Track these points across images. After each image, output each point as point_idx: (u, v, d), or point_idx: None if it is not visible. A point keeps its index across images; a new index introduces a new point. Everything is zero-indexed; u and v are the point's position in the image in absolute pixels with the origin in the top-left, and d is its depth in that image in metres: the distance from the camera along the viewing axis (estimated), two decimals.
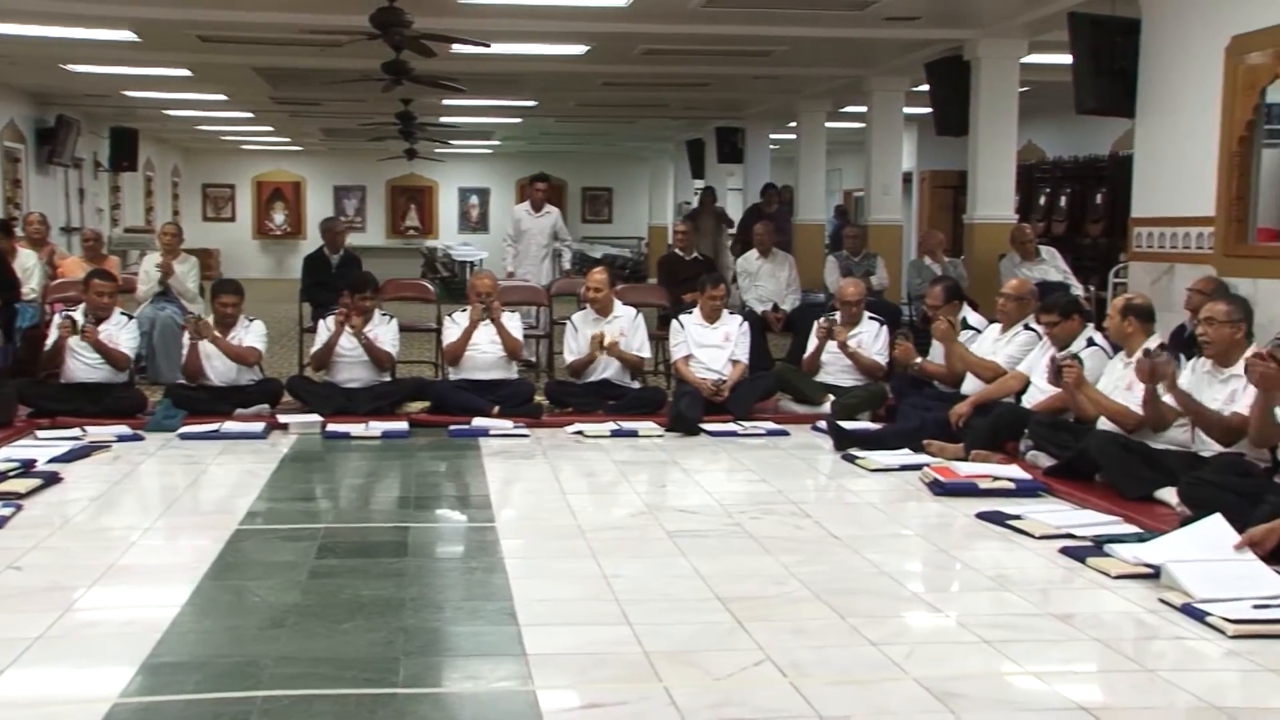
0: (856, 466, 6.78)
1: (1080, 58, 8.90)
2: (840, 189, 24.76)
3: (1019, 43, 11.02)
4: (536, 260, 11.39)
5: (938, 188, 19.60)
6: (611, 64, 13.50)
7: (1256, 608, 4.04)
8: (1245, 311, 5.70)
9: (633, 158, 28.75)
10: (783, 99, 16.78)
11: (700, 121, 20.44)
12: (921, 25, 10.93)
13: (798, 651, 3.76)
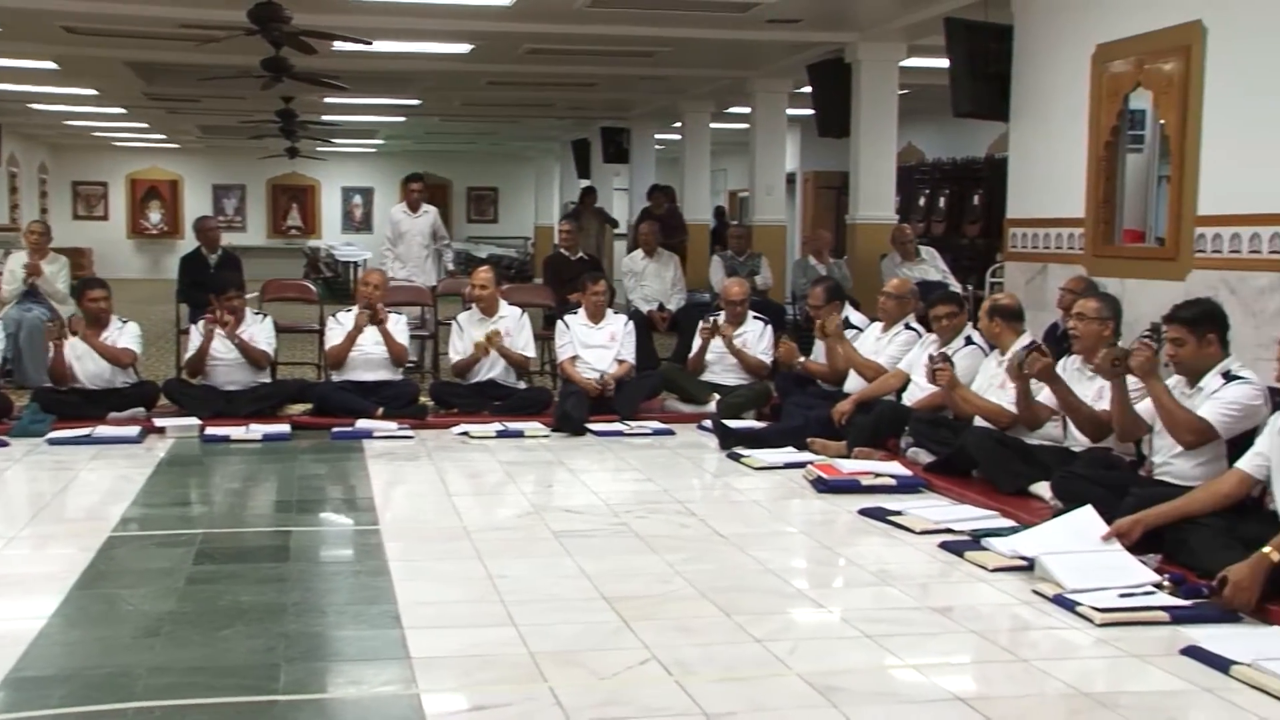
0: (741, 465, 6.84)
1: (956, 62, 9.09)
2: (725, 189, 24.97)
3: (898, 46, 11.22)
4: (420, 261, 11.27)
5: (821, 188, 19.86)
6: (496, 63, 13.43)
7: (1122, 596, 4.18)
8: (1114, 310, 5.88)
9: (518, 157, 28.65)
10: (668, 99, 16.85)
11: (586, 121, 20.44)
12: (803, 28, 11.07)
13: (683, 649, 3.78)
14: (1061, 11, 8.38)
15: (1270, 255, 6.65)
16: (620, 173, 21.01)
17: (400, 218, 11.36)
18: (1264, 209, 6.69)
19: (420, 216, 11.30)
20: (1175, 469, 5.07)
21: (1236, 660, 3.56)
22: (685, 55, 12.83)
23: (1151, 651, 3.79)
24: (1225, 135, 6.99)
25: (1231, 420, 4.89)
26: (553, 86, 15.84)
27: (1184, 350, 5.04)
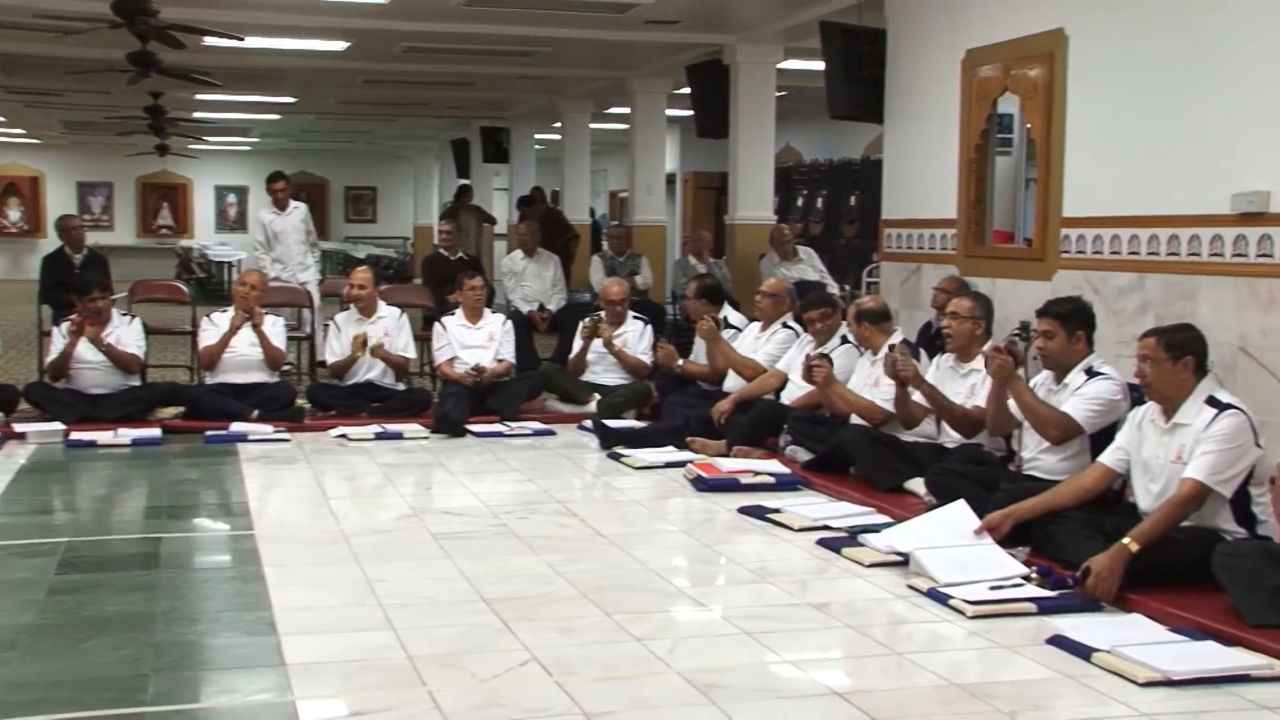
0: (622, 465, 6.85)
1: (832, 65, 9.22)
2: (605, 189, 25.02)
3: (775, 48, 11.35)
4: (299, 259, 11.04)
5: (700, 189, 20.00)
6: (373, 61, 13.26)
7: (992, 589, 4.28)
8: (986, 309, 6.02)
9: (397, 156, 28.33)
10: (547, 99, 16.82)
11: (465, 121, 20.30)
12: (681, 29, 11.14)
13: (563, 650, 3.77)
14: (932, 17, 8.56)
15: (1130, 256, 6.87)
16: (500, 172, 20.92)
17: (270, 218, 11.07)
18: (1123, 211, 6.91)
19: (290, 213, 11.06)
20: (1043, 464, 5.21)
21: (1097, 647, 3.68)
22: (564, 55, 12.82)
23: (1020, 642, 3.88)
24: (1087, 139, 7.21)
25: (1094, 415, 5.04)
26: (431, 85, 15.69)
27: (1053, 344, 5.18)
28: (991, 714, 3.31)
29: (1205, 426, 4.33)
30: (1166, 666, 3.51)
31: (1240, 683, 3.50)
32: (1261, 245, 6.09)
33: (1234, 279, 6.24)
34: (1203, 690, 3.46)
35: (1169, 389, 4.47)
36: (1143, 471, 4.58)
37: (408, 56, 12.79)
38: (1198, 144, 6.42)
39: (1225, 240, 6.29)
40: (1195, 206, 6.43)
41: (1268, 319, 6.05)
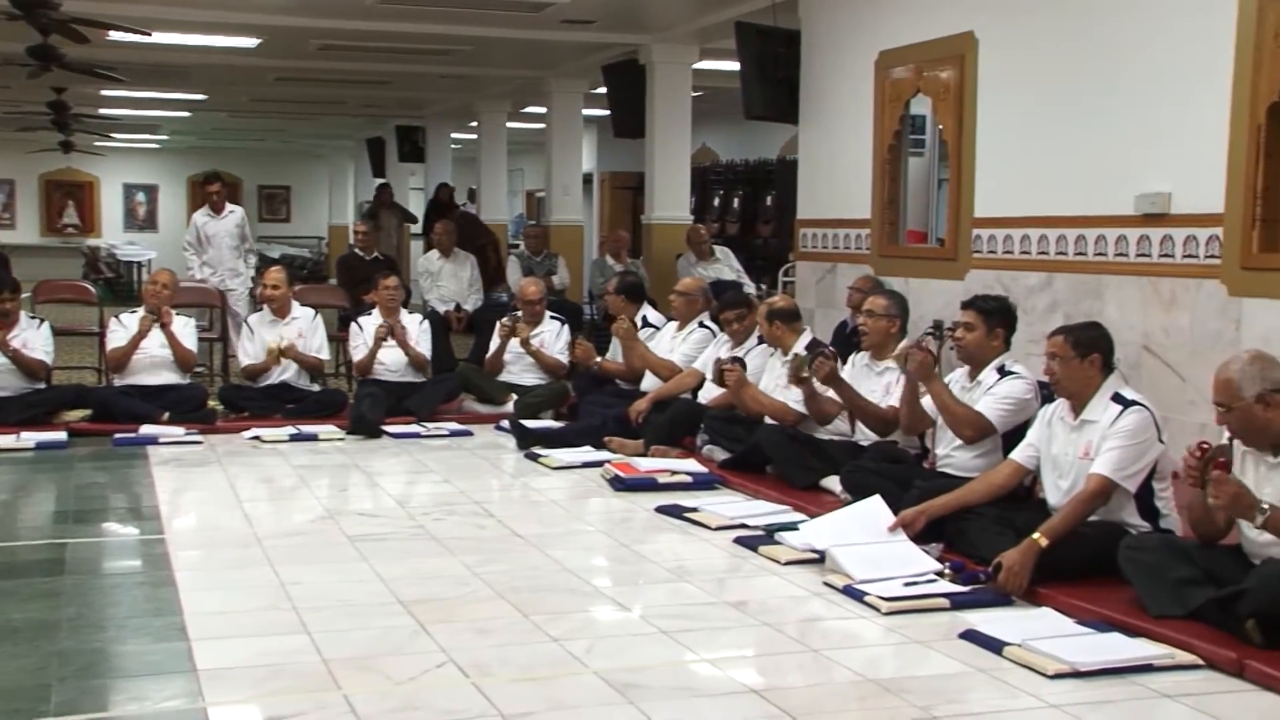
0: (540, 465, 6.83)
1: (747, 65, 9.28)
2: (522, 189, 24.94)
3: (691, 49, 11.40)
4: (230, 264, 10.80)
5: (617, 189, 20.00)
6: (285, 59, 13.08)
7: (907, 585, 4.33)
8: (902, 307, 6.08)
9: (311, 155, 27.98)
10: (463, 98, 16.73)
11: (380, 119, 20.12)
12: (597, 29, 11.13)
13: (480, 651, 3.75)
14: (846, 19, 8.65)
15: (1039, 256, 7.00)
16: (416, 172, 20.76)
17: (204, 220, 10.85)
18: (1033, 212, 7.05)
19: (225, 218, 10.84)
20: (956, 461, 5.28)
21: (1008, 641, 3.74)
22: (480, 54, 12.75)
23: (933, 637, 3.93)
24: (998, 141, 7.34)
25: (1006, 414, 5.12)
26: (345, 84, 15.53)
27: (971, 336, 5.25)
28: (905, 709, 3.35)
29: (1111, 423, 4.42)
30: (1074, 658, 3.58)
31: (1143, 672, 3.58)
32: (1163, 246, 6.24)
33: (1138, 278, 6.38)
34: (1108, 680, 3.53)
35: (1077, 386, 4.56)
36: (1052, 468, 4.67)
37: (321, 54, 12.65)
38: (1103, 146, 6.57)
39: (1130, 241, 6.43)
40: (1101, 208, 6.57)
41: (1170, 317, 6.20)
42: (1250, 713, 3.34)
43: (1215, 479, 3.79)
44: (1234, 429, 3.89)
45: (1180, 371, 6.13)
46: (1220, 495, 3.78)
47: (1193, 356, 6.02)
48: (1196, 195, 6.02)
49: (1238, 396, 3.83)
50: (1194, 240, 6.06)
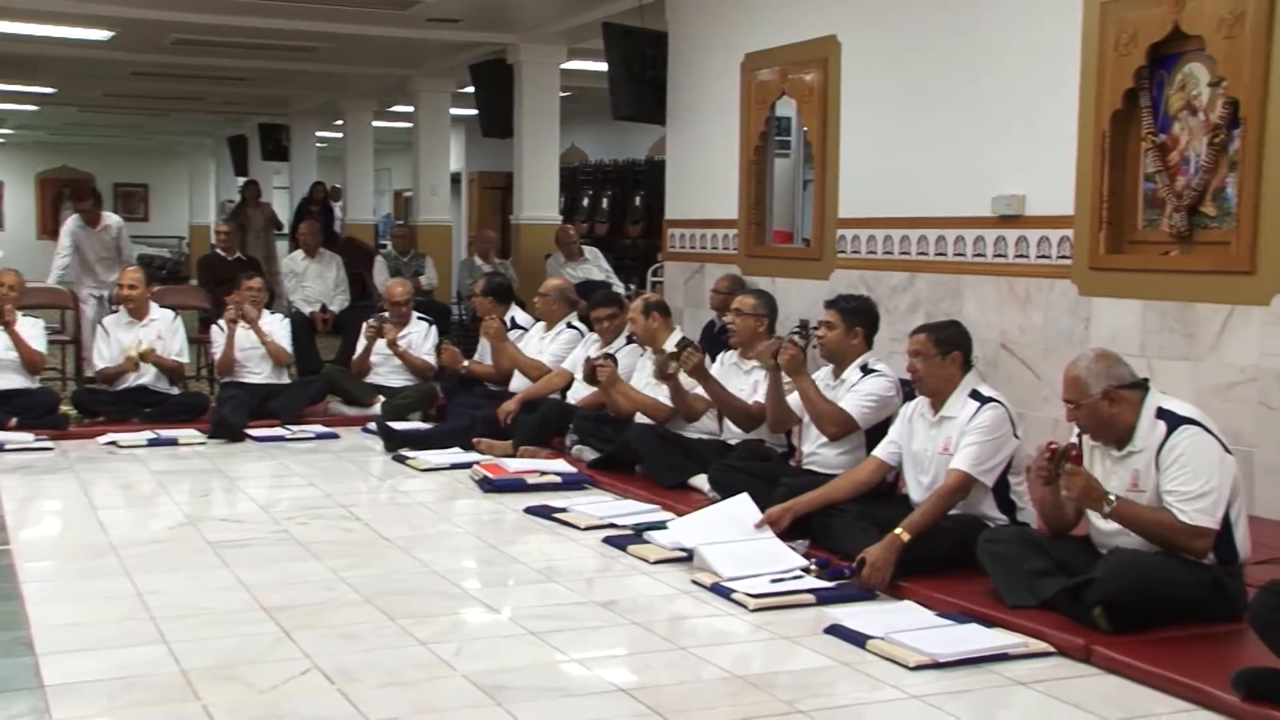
0: (407, 467, 6.76)
1: (615, 66, 9.30)
2: (390, 189, 24.66)
3: (559, 49, 11.39)
4: (106, 273, 10.31)
5: (486, 188, 19.91)
6: (140, 52, 12.70)
7: (773, 582, 4.38)
8: (769, 306, 6.14)
9: (170, 152, 27.24)
10: (328, 96, 16.48)
11: (242, 117, 19.70)
12: (464, 28, 11.06)
13: (346, 656, 3.69)
14: (712, 20, 8.72)
15: (901, 256, 7.16)
16: (281, 171, 20.39)
17: (77, 232, 10.20)
18: (895, 213, 7.20)
19: (100, 230, 10.27)
20: (821, 458, 5.36)
21: (872, 635, 3.81)
22: (345, 52, 12.57)
23: (800, 632, 3.99)
24: (861, 142, 7.48)
25: (869, 411, 5.22)
26: (204, 80, 15.16)
27: (832, 335, 5.34)
28: (773, 703, 3.39)
29: (969, 419, 4.53)
30: (934, 650, 3.66)
31: (999, 661, 3.68)
32: (1018, 246, 6.42)
33: (995, 278, 6.57)
34: (967, 670, 3.62)
35: (939, 384, 4.66)
36: (913, 464, 4.76)
37: (178, 49, 12.32)
38: (962, 149, 6.74)
39: (987, 241, 6.61)
40: (960, 209, 6.74)
41: (1025, 316, 6.39)
42: (1096, 696, 3.46)
43: (1068, 471, 3.91)
44: (1082, 424, 4.02)
45: (1035, 368, 6.32)
46: (1072, 487, 3.90)
47: (1046, 354, 6.22)
48: (1048, 198, 6.21)
49: (1085, 393, 3.96)
50: (1047, 241, 6.25)
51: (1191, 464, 3.81)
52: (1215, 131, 5.55)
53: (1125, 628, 3.73)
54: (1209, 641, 3.71)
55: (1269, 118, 5.22)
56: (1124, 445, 3.96)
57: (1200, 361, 5.54)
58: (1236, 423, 5.20)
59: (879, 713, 3.38)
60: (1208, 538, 3.80)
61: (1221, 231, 5.59)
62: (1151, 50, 5.72)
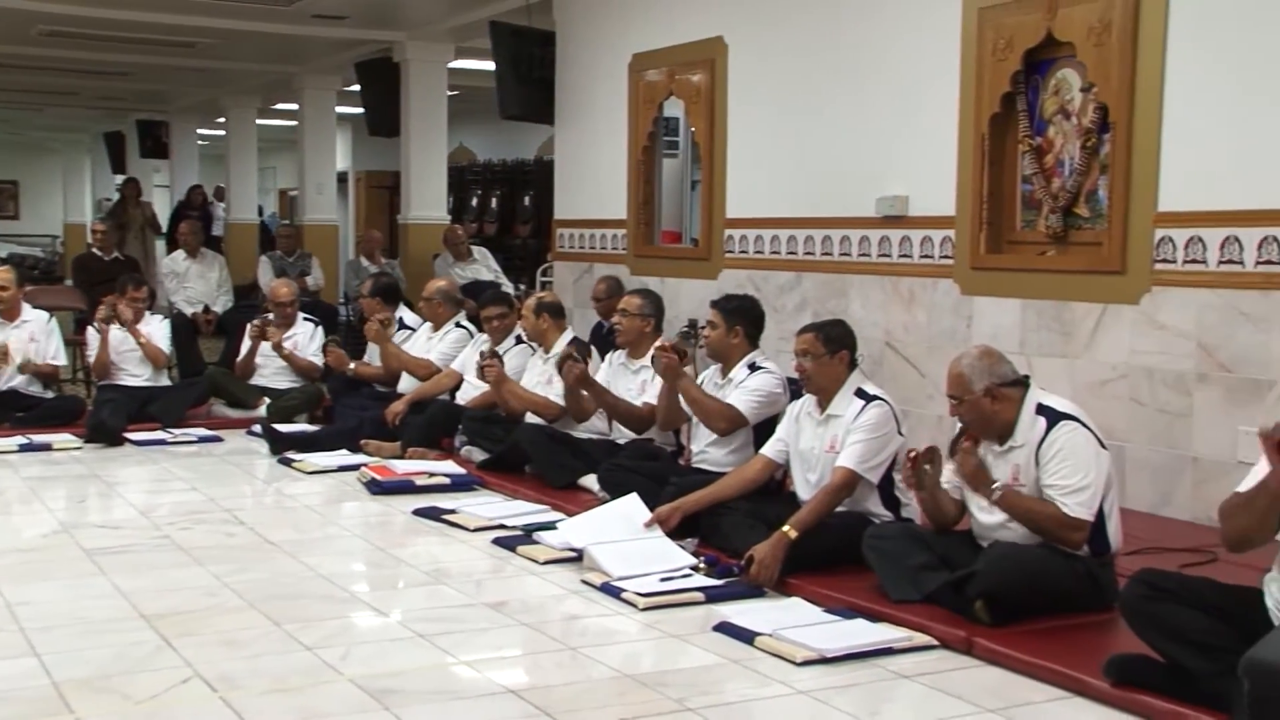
0: (294, 470, 6.66)
1: (502, 65, 9.27)
2: (275, 187, 24.25)
3: (446, 47, 11.31)
4: None
5: (373, 188, 19.69)
6: (6, 44, 12.28)
7: (663, 580, 4.40)
8: (656, 307, 6.16)
9: (42, 148, 26.38)
10: (210, 93, 16.14)
11: (119, 113, 19.19)
12: (350, 25, 10.92)
13: (228, 664, 3.62)
14: (600, 21, 8.73)
15: (788, 256, 7.24)
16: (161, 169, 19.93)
17: None
18: (782, 213, 7.28)
19: None
20: (710, 457, 5.40)
21: (760, 632, 3.85)
22: (227, 48, 12.32)
23: (689, 631, 4.01)
24: (748, 143, 7.55)
25: (757, 406, 5.26)
26: (78, 74, 14.72)
27: (714, 334, 5.39)
28: (662, 702, 3.40)
29: (854, 417, 4.60)
30: (820, 645, 3.70)
31: (884, 655, 3.74)
32: (902, 246, 6.54)
33: (880, 278, 6.68)
34: (853, 665, 3.67)
35: (826, 382, 4.72)
36: (800, 462, 4.82)
37: (49, 41, 11.94)
38: (847, 150, 6.84)
39: (872, 241, 6.72)
40: (845, 209, 6.85)
41: (910, 315, 6.51)
42: (977, 686, 3.53)
43: (963, 449, 4.00)
44: (965, 420, 4.11)
45: (919, 366, 6.44)
46: (965, 466, 3.99)
47: (930, 352, 6.34)
48: (931, 199, 6.34)
49: (968, 390, 4.05)
50: (930, 241, 6.38)
51: (1070, 459, 3.91)
52: (1087, 135, 5.73)
53: (1005, 619, 3.82)
54: (1083, 631, 3.82)
55: (1136, 123, 5.39)
56: (1005, 440, 4.06)
57: (1076, 359, 5.70)
58: (1109, 418, 5.36)
59: (767, 709, 3.41)
60: (1085, 530, 3.91)
61: (1094, 232, 5.76)
62: (1027, 55, 5.87)
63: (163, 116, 18.43)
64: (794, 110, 7.18)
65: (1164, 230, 5.33)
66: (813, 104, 7.04)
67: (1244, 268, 5.05)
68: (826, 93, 6.96)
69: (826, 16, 6.94)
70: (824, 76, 6.97)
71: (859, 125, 6.76)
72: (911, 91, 6.44)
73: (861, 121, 6.74)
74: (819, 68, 7.00)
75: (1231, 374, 5.11)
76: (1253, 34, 5.03)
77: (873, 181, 6.63)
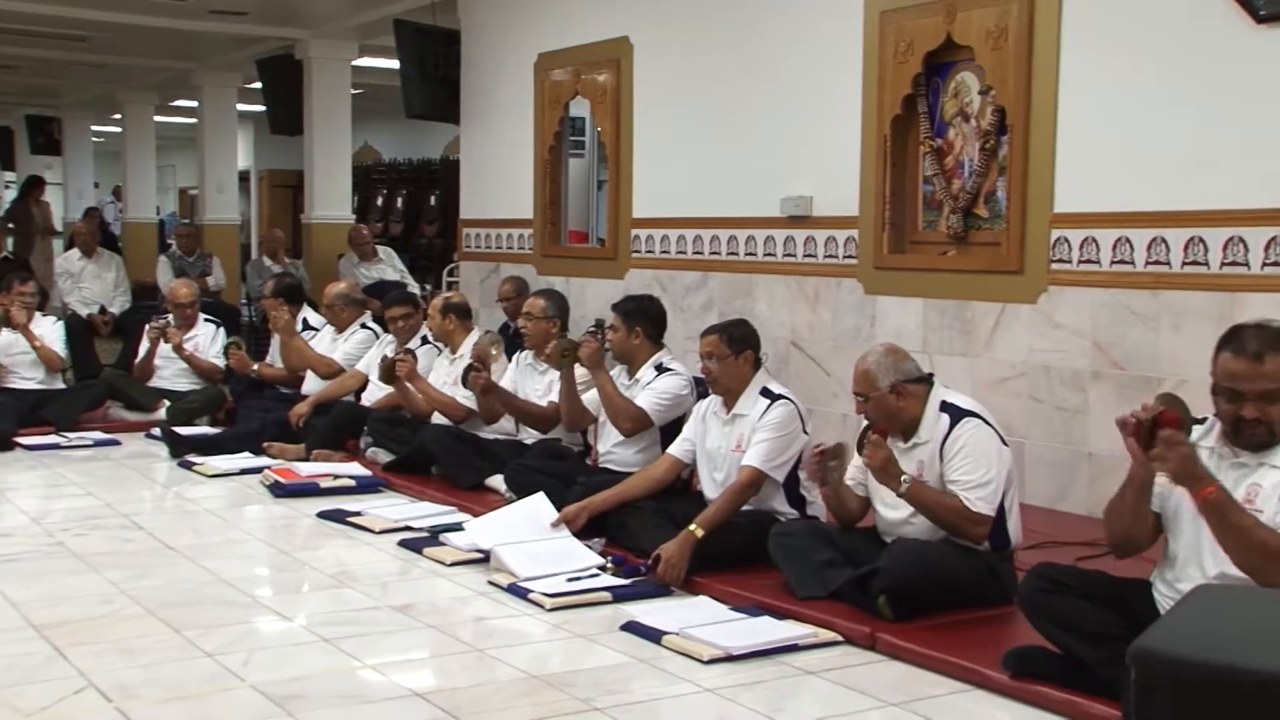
0: (194, 473, 6.54)
1: (407, 64, 9.19)
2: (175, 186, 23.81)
3: (350, 45, 11.19)
4: None
5: (276, 187, 19.43)
6: None
7: (570, 580, 4.40)
8: (560, 307, 6.15)
9: None
10: (105, 88, 15.78)
11: (7, 107, 18.67)
12: (250, 21, 10.75)
13: (125, 672, 3.54)
14: (505, 20, 8.71)
15: (694, 256, 7.28)
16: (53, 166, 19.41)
17: None
18: (688, 213, 7.32)
19: None
20: (617, 457, 5.41)
21: (667, 630, 3.86)
22: (123, 42, 12.05)
23: (596, 630, 4.01)
24: (654, 143, 7.57)
25: (663, 408, 5.28)
26: None
27: (616, 337, 5.40)
28: (570, 702, 3.40)
29: (760, 416, 4.63)
30: (727, 643, 3.73)
31: (790, 652, 3.77)
32: (807, 246, 6.61)
33: (785, 277, 6.74)
34: (759, 662, 3.70)
35: (732, 382, 4.75)
36: (707, 461, 4.84)
37: None
38: (752, 150, 6.90)
39: (777, 241, 6.78)
40: (751, 209, 6.90)
41: (815, 314, 6.58)
42: (881, 681, 3.58)
43: (871, 442, 4.05)
44: (871, 417, 4.16)
45: (824, 365, 6.51)
46: (874, 459, 4.03)
47: (835, 351, 6.41)
48: (835, 199, 6.41)
49: (874, 387, 4.10)
50: (834, 241, 6.45)
51: (973, 455, 3.98)
52: (986, 137, 5.84)
53: (908, 615, 3.87)
54: (983, 624, 3.89)
55: (1033, 126, 5.50)
56: (910, 437, 4.12)
57: (977, 357, 5.80)
58: (1008, 415, 5.47)
59: (674, 707, 3.42)
60: (986, 525, 3.98)
61: (993, 233, 5.87)
62: (928, 58, 5.97)
63: (54, 112, 17.98)
64: (700, 110, 7.21)
65: (1060, 231, 5.45)
66: (718, 104, 7.09)
67: (1135, 268, 5.19)
68: (732, 93, 7.00)
69: (732, 17, 6.99)
70: (729, 77, 7.01)
71: (764, 125, 6.82)
72: (816, 92, 6.51)
73: (767, 122, 6.80)
74: (724, 68, 7.04)
75: (1124, 371, 5.24)
76: (1145, 39, 5.16)
77: (778, 182, 6.69)
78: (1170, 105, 5.06)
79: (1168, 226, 5.06)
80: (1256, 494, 3.06)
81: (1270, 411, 3.04)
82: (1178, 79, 5.04)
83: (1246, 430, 3.08)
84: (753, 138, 6.88)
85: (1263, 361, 3.03)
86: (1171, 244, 5.05)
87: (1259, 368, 3.04)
